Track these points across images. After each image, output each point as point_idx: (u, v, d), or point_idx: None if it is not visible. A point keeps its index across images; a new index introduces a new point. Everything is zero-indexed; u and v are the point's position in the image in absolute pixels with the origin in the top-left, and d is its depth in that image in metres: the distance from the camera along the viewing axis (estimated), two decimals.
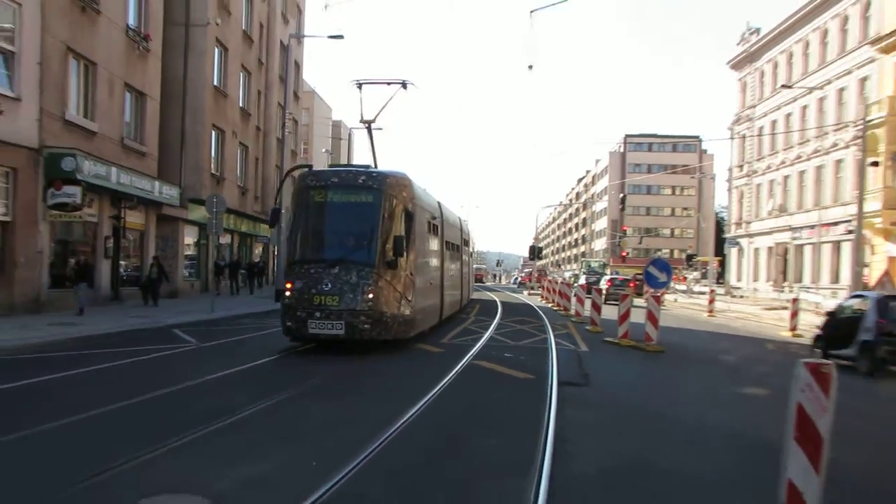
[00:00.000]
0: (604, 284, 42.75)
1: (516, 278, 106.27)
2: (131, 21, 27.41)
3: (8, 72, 20.52)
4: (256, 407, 9.72)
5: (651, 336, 19.23)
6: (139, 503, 5.89)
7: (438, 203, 23.38)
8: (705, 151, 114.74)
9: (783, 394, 6.23)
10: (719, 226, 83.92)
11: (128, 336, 18.07)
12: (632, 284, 42.05)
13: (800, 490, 5.67)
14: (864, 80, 42.55)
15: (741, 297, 54.62)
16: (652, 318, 19.52)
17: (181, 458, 7.31)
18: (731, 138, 62.57)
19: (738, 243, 60.16)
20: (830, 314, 19.59)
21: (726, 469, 8.09)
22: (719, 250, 69.86)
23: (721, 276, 66.89)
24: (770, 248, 54.73)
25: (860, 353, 16.84)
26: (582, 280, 53.63)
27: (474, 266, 66.57)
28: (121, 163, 25.92)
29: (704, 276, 68.66)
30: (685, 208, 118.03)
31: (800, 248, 49.85)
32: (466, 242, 35.08)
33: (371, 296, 15.35)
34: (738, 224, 60.74)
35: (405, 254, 16.23)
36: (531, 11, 41.65)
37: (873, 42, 40.84)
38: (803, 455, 5.67)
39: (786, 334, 26.52)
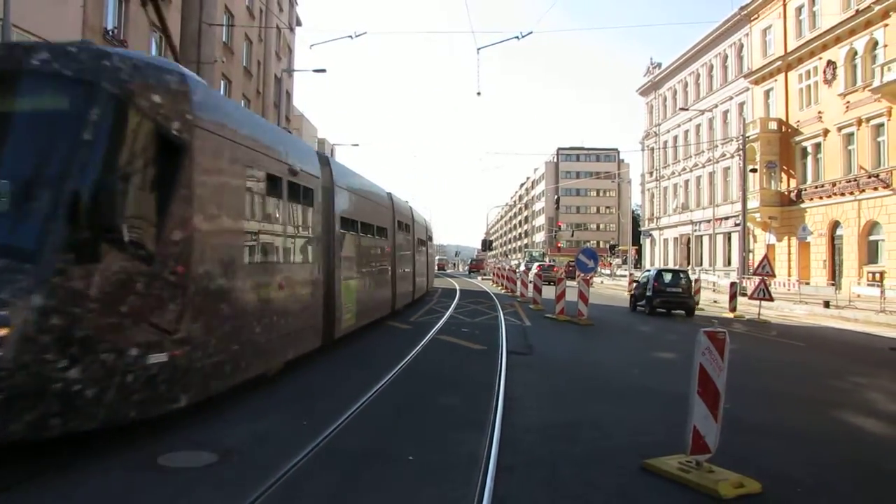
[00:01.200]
0: (534, 270, 42.98)
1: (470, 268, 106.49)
2: None
3: None
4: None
5: (583, 312, 19.34)
6: (157, 461, 5.78)
7: (372, 184, 17.30)
8: (622, 161, 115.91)
9: (687, 356, 6.29)
10: (635, 221, 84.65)
11: None
12: (555, 269, 44.01)
13: (702, 434, 5.74)
14: (742, 104, 43.40)
15: None
16: (583, 297, 19.63)
17: None
18: (642, 150, 63.22)
19: (650, 235, 60.85)
20: (636, 282, 26.04)
21: (644, 417, 8.15)
22: (636, 240, 70.44)
23: (638, 262, 67.48)
24: (676, 239, 55.40)
25: (646, 304, 23.93)
26: (522, 267, 53.84)
27: (437, 258, 66.58)
28: None
29: (625, 262, 69.29)
30: (608, 207, 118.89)
31: (699, 238, 50.56)
32: (430, 238, 32.04)
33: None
34: (650, 219, 61.39)
35: (162, 228, 6.36)
36: (478, 49, 42.25)
37: (746, 75, 41.91)
38: (704, 405, 5.74)
39: None
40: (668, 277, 24.24)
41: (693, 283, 25.30)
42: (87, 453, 5.66)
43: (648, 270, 27.31)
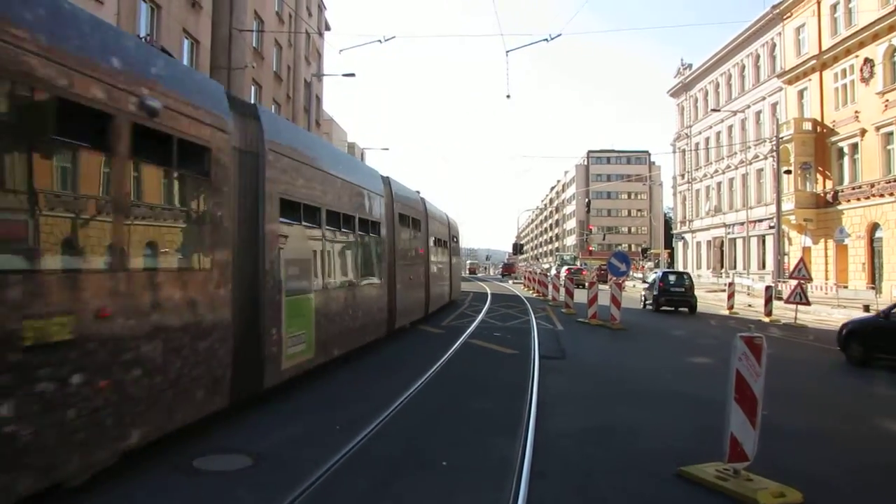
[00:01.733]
0: (563, 273, 42.91)
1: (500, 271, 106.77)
2: None
3: None
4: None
5: (615, 316, 19.18)
6: (193, 464, 5.85)
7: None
8: (654, 163, 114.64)
9: (723, 361, 6.20)
10: (667, 223, 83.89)
11: None
12: (583, 273, 45.44)
13: (740, 441, 5.64)
14: (775, 104, 42.68)
15: None
16: (615, 301, 19.47)
17: None
18: (674, 152, 62.50)
19: (683, 238, 60.11)
20: (646, 282, 27.76)
21: (679, 423, 8.05)
22: (668, 244, 69.80)
23: (671, 266, 66.82)
24: (709, 242, 54.67)
25: (653, 302, 26.21)
26: (553, 271, 53.56)
27: (468, 262, 66.47)
28: None
29: (657, 265, 68.56)
30: (639, 210, 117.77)
31: (732, 241, 49.83)
32: (456, 239, 27.79)
33: None
34: (683, 222, 60.67)
35: None
36: (507, 51, 42.33)
37: (780, 75, 41.19)
38: (741, 412, 5.65)
39: (724, 312, 26.42)
40: (672, 278, 27.16)
41: (692, 283, 27.51)
42: (124, 456, 5.72)
43: (656, 272, 29.86)
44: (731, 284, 28.80)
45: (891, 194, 31.02)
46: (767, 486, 5.42)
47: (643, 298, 28.75)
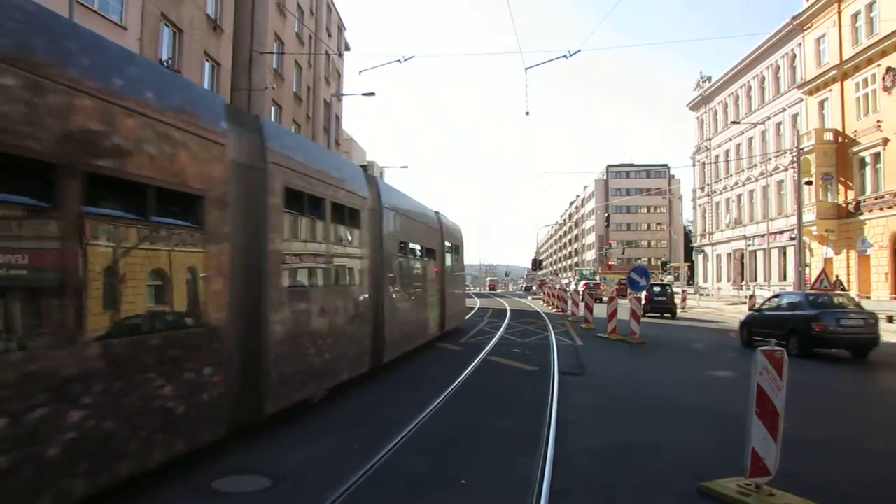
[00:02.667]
0: (581, 288, 43.11)
1: (521, 286, 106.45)
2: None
3: None
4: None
5: (635, 331, 19.06)
6: (212, 485, 5.88)
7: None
8: (673, 176, 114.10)
9: (744, 375, 6.15)
10: (687, 237, 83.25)
11: None
12: (600, 287, 46.47)
13: (761, 455, 5.59)
14: (795, 115, 42.46)
15: (708, 295, 54.12)
16: (635, 315, 19.36)
17: None
18: (693, 165, 62.26)
19: (703, 251, 59.72)
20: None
21: (700, 438, 7.98)
22: (688, 257, 69.30)
23: (691, 279, 66.33)
24: (729, 254, 54.24)
25: (652, 308, 30.84)
26: (573, 286, 53.38)
27: (487, 279, 65.86)
28: None
29: (677, 278, 68.07)
30: (659, 223, 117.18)
31: (753, 253, 49.39)
32: (457, 249, 21.74)
33: None
34: (703, 235, 60.27)
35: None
36: (526, 68, 42.31)
37: (800, 86, 41.01)
38: (763, 427, 5.60)
39: None
40: (656, 290, 32.15)
41: (673, 293, 33.91)
42: (141, 477, 5.77)
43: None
44: (751, 297, 28.61)
45: None
46: (790, 501, 5.36)
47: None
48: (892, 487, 6.27)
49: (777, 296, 20.09)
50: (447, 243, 19.56)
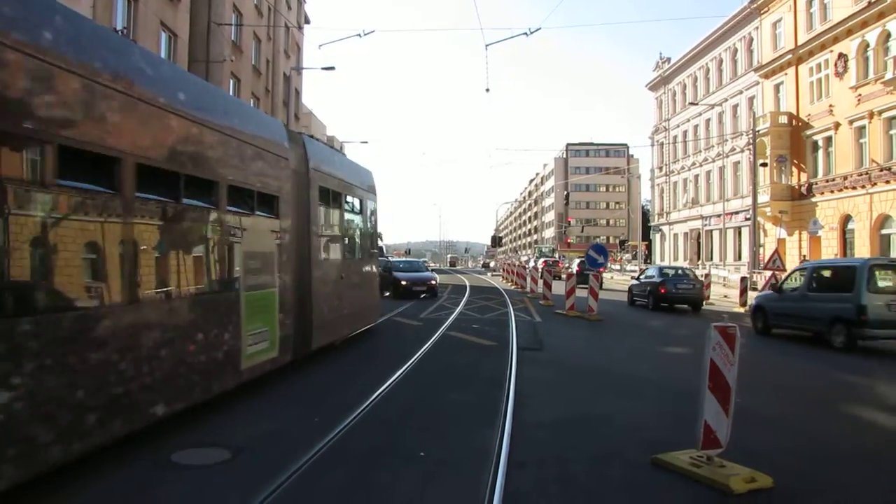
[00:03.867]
0: (541, 265, 43.52)
1: (481, 263, 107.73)
2: None
3: None
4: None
5: (592, 307, 19.31)
6: (171, 458, 5.83)
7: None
8: (632, 156, 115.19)
9: (697, 351, 6.28)
10: (645, 216, 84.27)
11: None
12: (559, 265, 46.36)
13: (713, 428, 5.72)
14: (752, 98, 43.11)
15: None
16: (592, 292, 19.62)
17: None
18: (652, 145, 62.96)
19: (660, 230, 60.61)
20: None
21: (653, 412, 8.14)
22: (646, 236, 70.19)
23: (648, 257, 67.27)
24: (686, 234, 55.15)
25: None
26: (532, 263, 53.84)
27: (448, 255, 66.34)
28: None
29: (635, 257, 69.06)
30: (617, 202, 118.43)
31: (709, 232, 50.32)
32: (355, 196, 13.64)
33: None
34: (660, 214, 61.13)
35: None
36: (486, 45, 42.26)
37: (756, 69, 41.60)
38: (715, 401, 5.72)
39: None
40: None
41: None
42: (100, 451, 5.68)
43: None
44: (707, 275, 29.14)
45: (862, 187, 31.46)
46: (739, 472, 5.51)
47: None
48: (830, 453, 6.49)
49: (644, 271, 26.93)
50: (321, 187, 11.26)
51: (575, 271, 28.05)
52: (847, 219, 33.11)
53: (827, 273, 15.58)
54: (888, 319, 13.25)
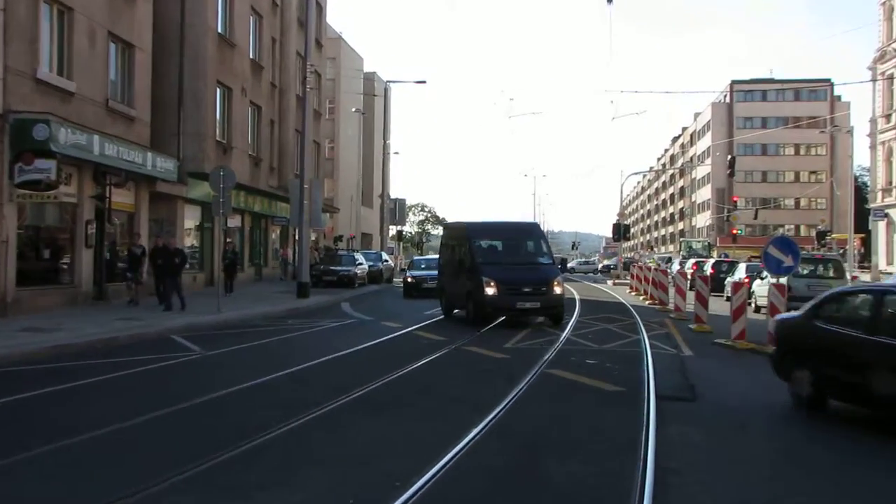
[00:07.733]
0: (690, 269, 43.34)
1: (601, 264, 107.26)
2: None
3: None
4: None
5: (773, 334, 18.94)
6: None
7: None
8: (838, 98, 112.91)
9: None
10: (860, 193, 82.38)
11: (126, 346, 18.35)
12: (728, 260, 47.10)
13: None
14: None
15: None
16: (775, 311, 19.19)
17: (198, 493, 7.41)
18: (874, 80, 61.00)
19: (886, 215, 58.60)
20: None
21: None
22: (861, 225, 68.51)
23: (865, 258, 65.74)
24: None
25: None
26: (677, 266, 53.35)
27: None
28: (105, 130, 26.02)
29: (843, 257, 67.67)
30: (813, 172, 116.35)
31: None
32: None
33: None
34: (887, 190, 59.51)
35: None
36: None
37: None
38: None
39: None
40: None
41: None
42: None
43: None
44: None
45: None
46: None
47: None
48: None
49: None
50: None
51: (743, 280, 27.34)
52: None
53: None
54: None
